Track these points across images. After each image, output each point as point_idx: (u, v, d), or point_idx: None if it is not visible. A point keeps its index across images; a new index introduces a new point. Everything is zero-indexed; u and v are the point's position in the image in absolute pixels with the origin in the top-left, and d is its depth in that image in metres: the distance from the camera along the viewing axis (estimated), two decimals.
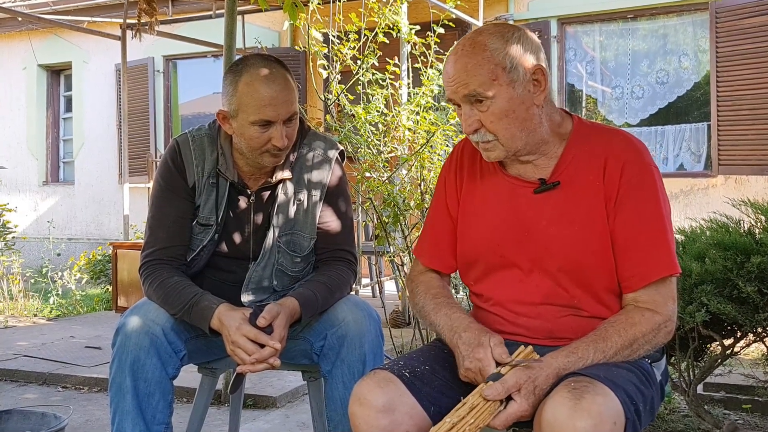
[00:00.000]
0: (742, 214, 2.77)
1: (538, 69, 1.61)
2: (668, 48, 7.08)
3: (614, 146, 1.65)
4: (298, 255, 2.15)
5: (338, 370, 2.00)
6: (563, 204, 1.66)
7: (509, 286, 1.70)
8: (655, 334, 1.58)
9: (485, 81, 1.58)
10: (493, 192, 1.75)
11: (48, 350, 4.75)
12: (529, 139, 1.64)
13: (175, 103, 9.55)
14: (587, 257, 1.62)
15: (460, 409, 1.46)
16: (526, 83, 1.61)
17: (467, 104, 1.62)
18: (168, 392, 1.98)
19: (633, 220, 1.61)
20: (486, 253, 1.73)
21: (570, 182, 1.66)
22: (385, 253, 4.56)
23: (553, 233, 1.65)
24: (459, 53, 1.63)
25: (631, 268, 1.61)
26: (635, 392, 1.47)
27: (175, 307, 1.98)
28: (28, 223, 9.99)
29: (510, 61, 1.59)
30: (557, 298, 1.65)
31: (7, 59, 10.32)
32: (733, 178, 6.61)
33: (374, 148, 4.25)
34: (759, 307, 2.47)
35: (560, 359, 1.51)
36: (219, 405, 3.63)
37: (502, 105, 1.60)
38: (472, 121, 1.63)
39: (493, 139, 1.63)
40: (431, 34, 4.43)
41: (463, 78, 1.60)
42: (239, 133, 2.02)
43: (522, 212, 1.69)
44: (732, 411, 3.29)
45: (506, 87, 1.59)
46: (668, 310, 1.60)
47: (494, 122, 1.61)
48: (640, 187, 1.62)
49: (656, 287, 1.60)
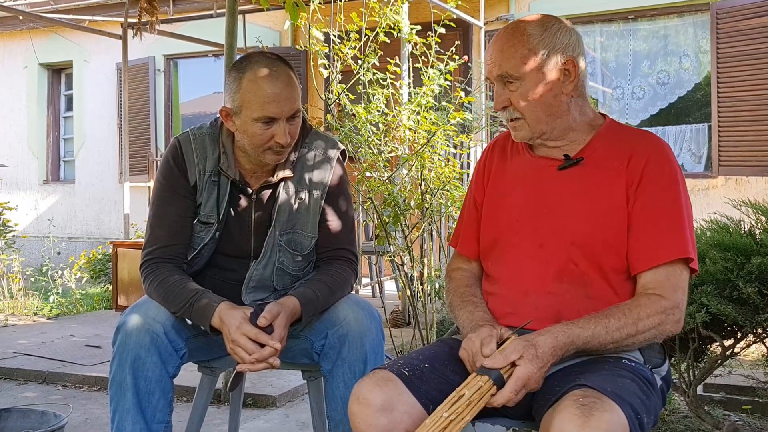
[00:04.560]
0: (743, 215, 2.77)
1: (569, 60, 1.71)
2: (669, 49, 7.08)
3: (641, 141, 1.73)
4: (299, 254, 2.15)
5: (339, 369, 2.00)
6: (585, 182, 1.72)
7: (521, 262, 1.74)
8: (661, 319, 1.59)
9: (517, 63, 1.69)
10: (519, 173, 1.82)
11: (48, 349, 4.75)
12: (554, 124, 1.73)
13: (176, 102, 9.54)
14: (602, 234, 1.67)
15: (456, 401, 1.49)
16: (557, 71, 1.70)
17: (500, 83, 1.73)
18: (168, 391, 1.98)
19: (652, 204, 1.66)
20: (505, 230, 1.79)
21: (593, 163, 1.73)
22: (385, 252, 4.56)
23: (572, 207, 1.70)
24: (500, 35, 1.74)
25: (644, 247, 1.64)
26: (639, 405, 1.47)
27: (176, 305, 1.98)
28: (28, 221, 9.99)
29: (543, 47, 1.69)
30: (567, 274, 1.68)
31: (8, 58, 10.32)
32: (734, 178, 6.61)
33: (375, 148, 4.25)
34: (759, 308, 2.47)
35: (558, 326, 1.55)
36: (219, 404, 3.63)
37: (530, 88, 1.69)
38: (502, 99, 1.73)
39: (520, 117, 1.73)
40: (432, 34, 4.42)
41: (498, 58, 1.71)
42: (242, 130, 2.02)
43: (544, 188, 1.76)
44: (732, 412, 3.29)
45: (536, 72, 1.69)
46: (676, 298, 1.62)
47: (522, 102, 1.71)
48: (662, 177, 1.67)
49: (666, 273, 1.62)
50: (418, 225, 4.30)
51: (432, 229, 4.58)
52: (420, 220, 4.28)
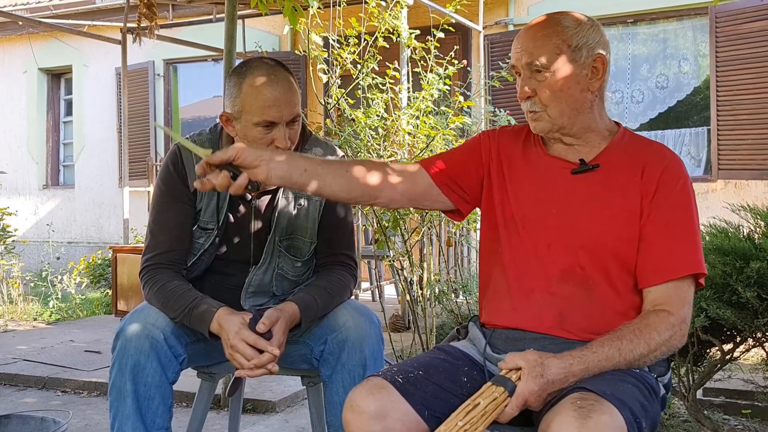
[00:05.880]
0: (742, 219, 2.77)
1: (600, 57, 1.68)
2: (668, 52, 7.09)
3: (655, 153, 1.71)
4: (299, 259, 2.16)
5: (339, 374, 2.00)
6: (599, 189, 1.70)
7: (528, 260, 1.72)
8: (670, 336, 1.58)
9: (550, 53, 1.65)
10: (532, 168, 1.78)
11: (47, 354, 4.75)
12: (575, 119, 1.70)
13: (176, 106, 9.56)
14: (612, 241, 1.65)
15: (471, 411, 1.48)
16: (587, 67, 1.67)
17: (527, 71, 1.68)
18: (168, 397, 1.98)
19: (666, 217, 1.64)
20: (512, 222, 1.75)
21: (608, 170, 1.71)
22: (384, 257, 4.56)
23: (584, 212, 1.68)
24: (533, 25, 1.70)
25: (657, 260, 1.63)
26: (639, 410, 1.47)
27: (175, 311, 1.98)
28: (28, 226, 9.99)
29: (577, 41, 1.66)
30: (573, 277, 1.67)
31: (8, 63, 10.34)
32: (733, 182, 6.61)
33: (374, 153, 4.25)
34: (758, 312, 2.47)
35: (574, 353, 1.53)
36: (218, 409, 3.62)
37: (559, 80, 1.66)
38: (528, 89, 1.68)
39: (542, 110, 1.69)
40: (431, 38, 4.43)
41: (530, 46, 1.67)
42: (242, 135, 2.03)
43: (557, 189, 1.73)
44: (732, 416, 3.28)
45: (568, 64, 1.65)
46: (683, 312, 1.61)
47: (548, 94, 1.67)
48: (676, 191, 1.66)
49: (675, 288, 1.62)
50: (417, 229, 4.29)
51: (431, 234, 4.59)
52: (419, 225, 4.28)
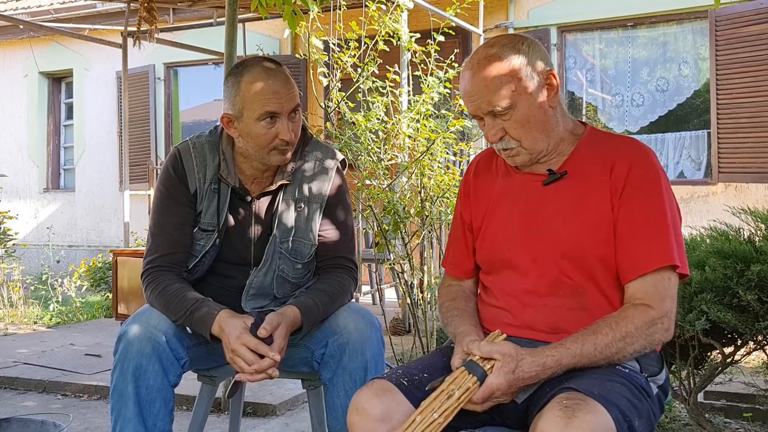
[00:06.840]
0: (742, 222, 2.77)
1: (549, 73, 1.68)
2: (668, 56, 7.10)
3: (623, 148, 1.72)
4: (299, 262, 2.16)
5: (339, 377, 2.00)
6: (570, 195, 1.71)
7: (516, 278, 1.73)
8: (648, 328, 1.57)
9: (506, 94, 1.65)
10: (506, 191, 1.81)
11: (48, 358, 4.75)
12: (550, 139, 1.72)
13: (176, 110, 9.56)
14: (592, 245, 1.66)
15: (445, 400, 1.51)
16: (542, 89, 1.68)
17: (490, 117, 1.69)
18: (169, 400, 1.98)
19: (635, 212, 1.65)
20: (496, 249, 1.78)
21: (578, 175, 1.72)
22: (385, 260, 4.56)
23: (560, 222, 1.69)
24: (475, 68, 1.68)
25: (630, 256, 1.63)
26: (629, 408, 1.46)
27: (177, 313, 1.99)
28: (28, 230, 9.99)
29: (526, 70, 1.65)
30: (562, 288, 1.68)
31: (9, 66, 10.34)
32: (733, 185, 6.61)
33: (374, 156, 4.25)
34: (759, 315, 2.47)
35: (548, 349, 1.55)
36: (219, 413, 3.62)
37: (524, 113, 1.67)
38: (496, 131, 1.69)
39: (517, 145, 1.70)
40: (431, 42, 4.43)
41: (485, 94, 1.66)
42: (245, 134, 2.04)
43: (531, 204, 1.74)
44: (733, 419, 3.28)
45: (525, 96, 1.66)
46: (665, 307, 1.60)
47: (517, 129, 1.68)
48: (645, 184, 1.66)
49: (654, 281, 1.61)
50: (417, 233, 4.30)
51: (432, 237, 4.58)
52: (420, 228, 4.28)
